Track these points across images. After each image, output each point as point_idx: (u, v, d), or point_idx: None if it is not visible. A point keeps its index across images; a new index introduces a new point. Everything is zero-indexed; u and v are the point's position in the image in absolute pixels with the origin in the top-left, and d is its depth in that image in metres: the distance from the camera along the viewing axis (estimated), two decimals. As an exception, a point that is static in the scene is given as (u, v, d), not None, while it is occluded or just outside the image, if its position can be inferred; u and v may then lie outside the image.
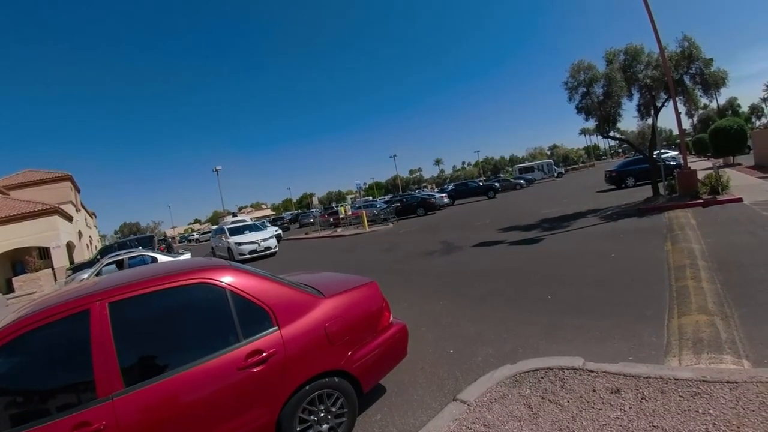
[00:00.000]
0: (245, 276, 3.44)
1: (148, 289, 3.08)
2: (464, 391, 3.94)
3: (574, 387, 3.63)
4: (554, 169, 67.31)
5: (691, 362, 3.97)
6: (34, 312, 2.81)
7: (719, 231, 9.37)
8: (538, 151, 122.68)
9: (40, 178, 39.48)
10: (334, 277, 4.90)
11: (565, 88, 16.58)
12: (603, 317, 5.43)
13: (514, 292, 7.26)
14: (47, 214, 31.31)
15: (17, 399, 2.66)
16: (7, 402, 2.62)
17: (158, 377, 2.82)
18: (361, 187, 36.19)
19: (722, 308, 5.17)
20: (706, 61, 14.83)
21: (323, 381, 3.39)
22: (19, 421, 2.49)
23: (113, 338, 2.77)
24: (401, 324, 4.20)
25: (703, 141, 40.01)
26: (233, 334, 3.13)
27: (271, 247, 21.67)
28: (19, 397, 2.67)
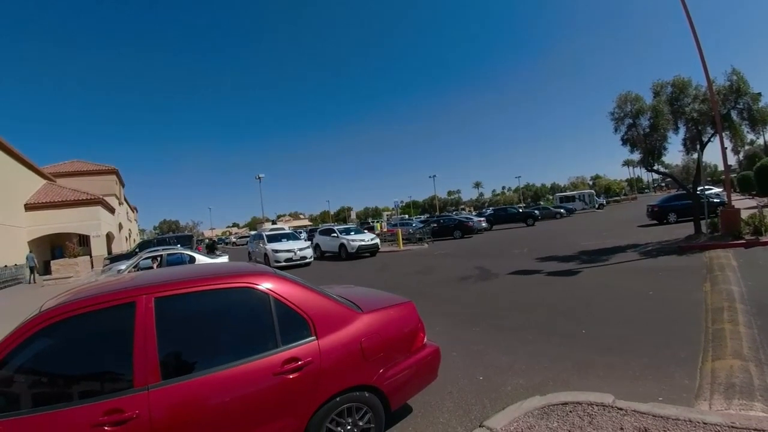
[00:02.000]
0: (288, 284, 3.51)
1: (193, 289, 3.18)
2: (491, 418, 3.94)
3: (602, 423, 3.61)
4: (596, 200, 65.87)
5: (722, 407, 3.90)
6: (85, 297, 2.93)
7: (760, 273, 9.08)
8: (580, 181, 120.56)
9: (87, 169, 41.15)
10: (371, 294, 4.93)
11: (611, 118, 16.41)
12: (636, 356, 5.34)
13: (547, 324, 7.16)
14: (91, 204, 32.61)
15: (58, 378, 2.77)
16: (49, 378, 2.75)
17: (195, 374, 2.87)
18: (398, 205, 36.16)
19: (758, 354, 5.06)
20: (754, 96, 14.48)
21: (354, 394, 3.42)
22: (58, 398, 2.61)
23: (156, 332, 2.85)
24: (435, 346, 4.20)
25: (748, 178, 38.78)
26: (272, 340, 3.19)
27: (307, 257, 22.16)
28: (61, 376, 2.77)
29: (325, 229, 28.44)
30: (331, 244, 25.52)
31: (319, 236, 27.82)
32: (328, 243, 25.88)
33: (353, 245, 23.46)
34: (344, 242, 23.82)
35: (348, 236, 24.60)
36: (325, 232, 27.46)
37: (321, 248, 26.45)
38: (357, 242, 23.72)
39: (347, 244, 23.59)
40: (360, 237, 24.64)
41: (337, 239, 24.67)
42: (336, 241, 24.69)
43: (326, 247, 25.91)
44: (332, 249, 25.21)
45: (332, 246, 25.14)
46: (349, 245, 23.49)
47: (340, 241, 24.15)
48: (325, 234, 26.95)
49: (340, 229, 26.87)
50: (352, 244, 23.55)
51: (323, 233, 27.56)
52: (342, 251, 23.94)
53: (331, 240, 25.50)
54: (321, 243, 26.70)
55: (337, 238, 24.68)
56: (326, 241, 26.20)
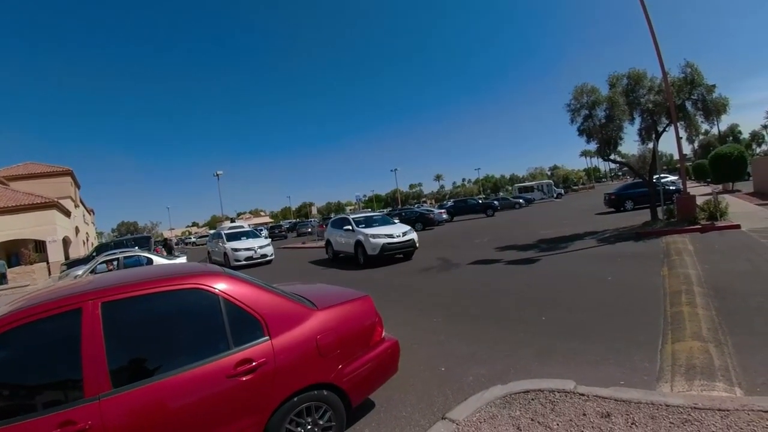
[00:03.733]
0: (239, 284, 3.43)
1: (141, 292, 3.08)
2: (454, 410, 3.91)
3: (564, 410, 3.61)
4: (554, 189, 67.68)
5: (683, 389, 3.96)
6: (26, 307, 2.80)
7: (716, 257, 9.39)
8: (538, 171, 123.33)
9: (40, 171, 39.44)
10: (328, 290, 4.89)
11: (567, 110, 16.67)
12: (597, 341, 5.41)
13: (508, 312, 7.23)
14: (46, 207, 31.32)
15: (3, 392, 2.65)
16: None
17: (147, 380, 2.80)
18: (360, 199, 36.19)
19: (716, 335, 5.17)
20: (708, 88, 14.93)
21: (312, 393, 3.37)
22: (4, 414, 2.48)
23: (104, 338, 2.76)
24: (393, 340, 4.18)
25: (703, 167, 40.19)
26: (224, 342, 3.12)
27: (268, 254, 21.48)
28: (6, 391, 2.66)
29: (337, 220, 19.80)
30: (343, 241, 18.10)
31: (330, 230, 19.87)
32: (341, 239, 18.29)
33: (375, 243, 15.60)
34: (361, 239, 16.12)
35: (369, 229, 16.66)
36: (338, 223, 19.06)
37: (333, 247, 19.28)
38: (381, 239, 15.71)
39: (366, 242, 15.88)
40: (387, 230, 16.51)
41: (353, 234, 16.93)
42: (351, 236, 16.97)
43: (338, 246, 18.39)
44: (346, 249, 17.60)
45: (345, 243, 17.58)
46: (368, 243, 15.94)
47: (357, 236, 16.43)
48: (337, 226, 18.77)
49: (358, 218, 18.23)
50: (373, 241, 15.70)
51: (335, 225, 19.29)
52: (359, 252, 16.32)
53: (344, 235, 17.78)
54: (332, 239, 19.23)
55: (353, 232, 16.97)
56: (338, 236, 18.50)
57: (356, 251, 16.59)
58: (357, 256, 16.51)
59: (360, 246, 16.24)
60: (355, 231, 16.86)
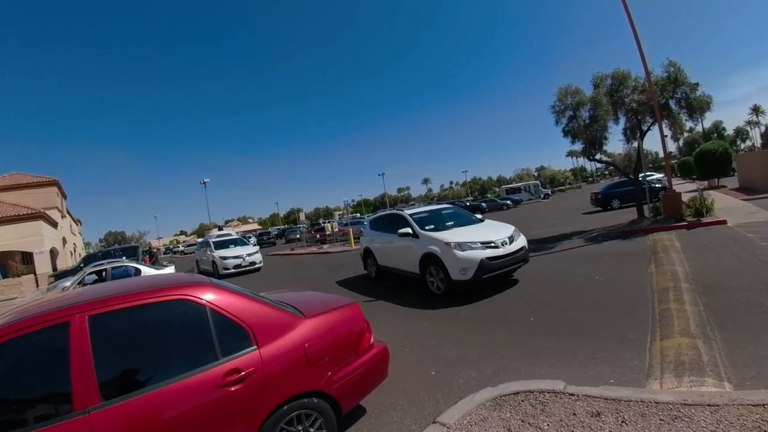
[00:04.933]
0: (225, 294, 3.43)
1: (128, 304, 3.06)
2: (444, 413, 3.92)
3: (555, 410, 3.63)
4: (541, 190, 68.15)
5: (673, 385, 3.99)
6: (13, 321, 2.78)
7: (703, 253, 9.46)
8: (525, 173, 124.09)
9: (26, 181, 38.80)
10: (315, 297, 4.89)
11: (552, 111, 16.74)
12: (586, 340, 5.44)
13: (497, 313, 7.25)
14: (32, 218, 30.93)
15: None
16: None
17: (136, 393, 2.79)
18: (348, 204, 35.93)
19: (705, 331, 5.21)
20: (692, 86, 15.10)
21: (302, 401, 3.36)
22: None
23: (92, 352, 2.75)
24: (382, 345, 4.19)
25: (688, 164, 40.63)
26: (212, 352, 3.11)
27: (256, 262, 21.37)
28: None
29: (383, 218, 12.75)
30: (396, 253, 10.73)
31: (370, 233, 12.90)
32: (392, 248, 11.13)
33: (467, 259, 8.52)
34: (436, 250, 8.97)
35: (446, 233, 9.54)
36: (384, 223, 12.12)
37: (376, 260, 12.25)
38: (476, 250, 8.64)
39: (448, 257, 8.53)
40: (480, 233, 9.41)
41: (417, 241, 9.85)
42: (413, 245, 9.92)
43: (387, 259, 11.57)
44: (400, 264, 10.73)
45: (400, 256, 10.64)
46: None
47: (427, 246, 9.32)
48: (383, 227, 11.99)
49: (420, 214, 11.06)
50: (464, 256, 8.41)
51: (380, 225, 12.50)
52: (432, 273, 9.28)
53: (398, 243, 10.41)
54: (374, 248, 12.32)
55: (415, 239, 9.90)
56: (385, 243, 11.62)
57: (424, 271, 9.48)
58: (425, 278, 9.48)
59: (434, 263, 9.10)
60: (421, 236, 9.64)
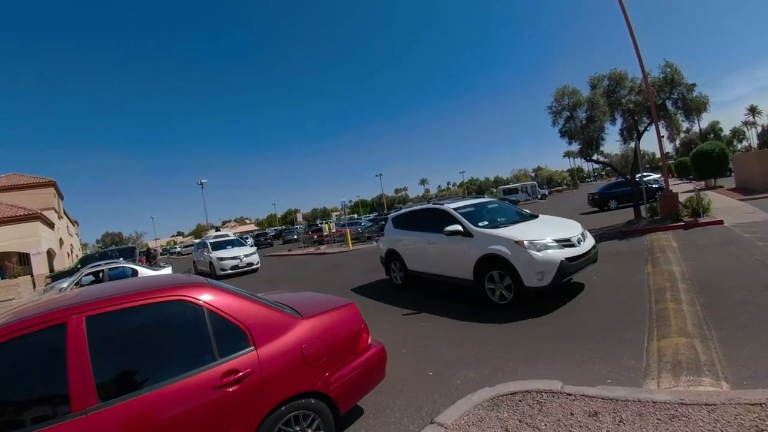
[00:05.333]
0: (223, 294, 3.42)
1: (125, 305, 3.05)
2: (442, 414, 3.91)
3: (552, 410, 3.63)
4: (538, 191, 68.23)
5: (670, 385, 4.00)
6: (10, 322, 2.78)
7: (700, 253, 9.48)
8: (522, 173, 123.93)
9: (23, 182, 38.70)
10: (313, 298, 4.89)
11: (549, 112, 16.76)
12: (583, 340, 5.45)
13: (495, 314, 7.22)
14: (29, 219, 30.85)
15: None
16: None
17: (133, 394, 2.78)
18: (346, 205, 35.96)
19: (702, 330, 5.22)
20: (689, 87, 15.13)
21: (299, 402, 3.36)
22: None
23: (89, 353, 2.74)
24: (380, 346, 4.19)
25: (685, 164, 40.70)
26: (209, 353, 3.11)
27: (254, 263, 21.29)
28: None
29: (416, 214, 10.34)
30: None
31: (394, 231, 10.83)
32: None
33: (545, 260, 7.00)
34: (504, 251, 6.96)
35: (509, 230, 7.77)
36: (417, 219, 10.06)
37: (405, 263, 10.35)
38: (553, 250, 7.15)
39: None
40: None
41: (470, 242, 8.11)
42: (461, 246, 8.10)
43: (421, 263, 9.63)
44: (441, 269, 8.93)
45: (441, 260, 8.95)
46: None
47: (488, 247, 7.50)
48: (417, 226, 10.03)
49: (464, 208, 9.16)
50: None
51: (410, 224, 10.41)
52: (493, 280, 7.59)
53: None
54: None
55: (469, 239, 8.13)
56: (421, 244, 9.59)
57: (480, 277, 7.85)
58: (482, 286, 7.85)
59: (497, 266, 7.55)
60: (477, 235, 8.03)
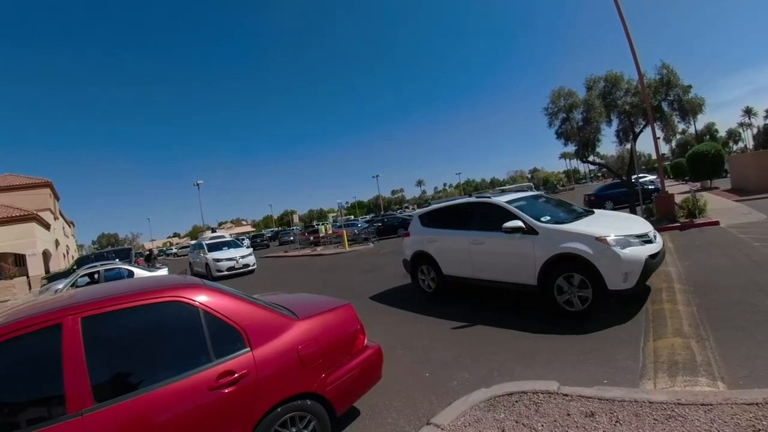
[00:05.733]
0: (218, 295, 3.41)
1: (121, 306, 3.04)
2: (438, 414, 3.91)
3: (549, 411, 3.63)
4: (534, 192, 68.06)
5: (666, 385, 4.02)
6: (5, 323, 2.77)
7: (696, 254, 9.52)
8: (518, 175, 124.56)
9: (19, 183, 38.55)
10: (309, 299, 4.88)
11: (545, 113, 16.83)
12: (579, 341, 5.45)
13: (492, 315, 7.20)
14: (25, 220, 30.76)
15: None
16: None
17: (129, 395, 2.77)
18: (342, 206, 36.02)
19: (698, 331, 5.23)
20: (684, 88, 15.20)
21: (295, 403, 3.35)
22: None
23: (85, 354, 2.73)
24: (376, 347, 4.18)
25: (681, 165, 40.78)
26: (205, 354, 3.09)
27: (250, 264, 21.23)
28: None
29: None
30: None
31: (423, 230, 9.49)
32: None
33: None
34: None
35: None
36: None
37: (440, 267, 8.90)
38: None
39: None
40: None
41: (535, 240, 6.88)
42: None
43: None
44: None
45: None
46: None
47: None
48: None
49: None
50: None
51: (444, 220, 9.34)
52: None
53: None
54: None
55: (533, 236, 6.90)
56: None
57: (548, 281, 6.76)
58: (549, 292, 6.76)
59: (572, 268, 6.48)
60: (543, 232, 6.93)
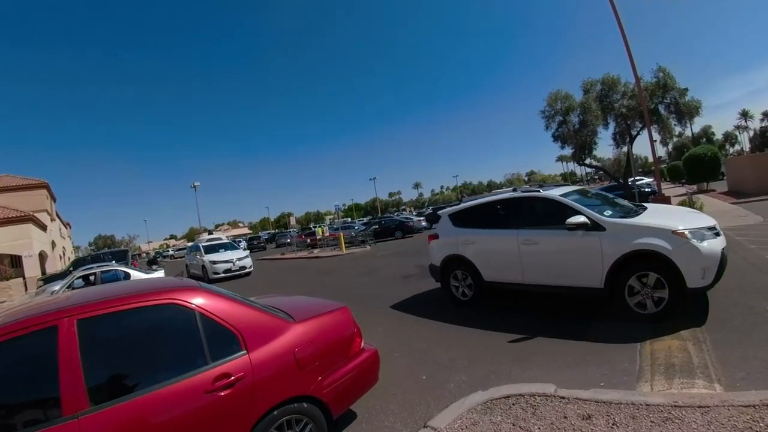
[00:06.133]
0: (215, 298, 3.40)
1: (117, 308, 3.03)
2: (435, 417, 3.91)
3: (546, 414, 3.64)
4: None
5: (663, 387, 4.02)
6: (1, 325, 2.76)
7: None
8: (515, 177, 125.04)
9: (16, 184, 38.40)
10: (305, 302, 4.87)
11: (542, 116, 16.90)
12: (576, 344, 5.45)
13: (487, 318, 7.18)
14: (21, 221, 30.66)
15: None
16: None
17: (125, 398, 2.76)
18: (339, 209, 35.94)
19: (694, 333, 5.23)
20: (681, 91, 15.26)
21: (292, 406, 3.34)
22: None
23: (81, 356, 2.72)
24: (372, 350, 4.18)
25: (677, 168, 40.96)
26: (201, 357, 3.08)
27: (246, 266, 21.24)
28: None
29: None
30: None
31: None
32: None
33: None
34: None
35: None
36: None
37: (479, 270, 7.93)
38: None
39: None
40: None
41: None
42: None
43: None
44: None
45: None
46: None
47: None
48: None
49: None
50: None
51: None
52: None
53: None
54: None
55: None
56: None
57: (618, 282, 6.05)
58: (620, 293, 6.04)
59: (647, 266, 5.85)
60: (610, 227, 6.21)
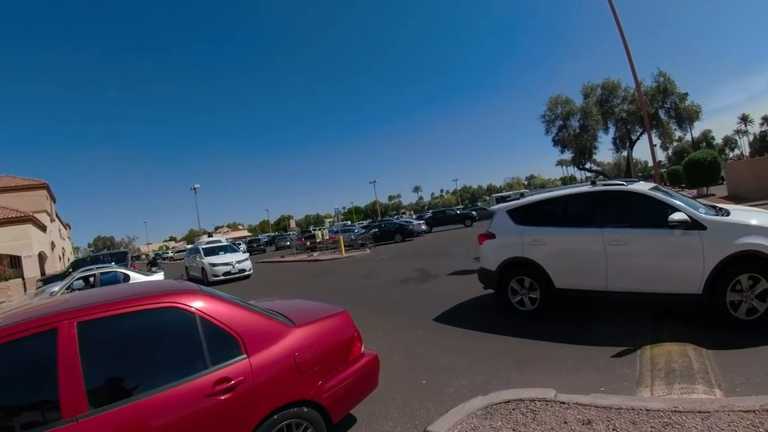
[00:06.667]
0: (215, 301, 3.40)
1: (117, 311, 3.02)
2: (435, 422, 3.89)
3: (546, 419, 3.63)
4: (531, 199, 68.19)
5: (663, 393, 4.02)
6: (3, 326, 2.75)
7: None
8: (515, 181, 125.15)
9: (15, 184, 38.43)
10: (305, 305, 4.87)
11: (542, 121, 17.00)
12: (576, 348, 5.45)
13: (487, 322, 7.17)
14: (21, 222, 30.67)
15: None
16: None
17: (124, 401, 2.75)
18: (339, 212, 36.03)
19: (694, 338, 5.21)
20: (681, 96, 15.32)
21: (292, 411, 3.33)
22: None
23: (80, 359, 2.71)
24: (373, 354, 4.17)
25: (677, 172, 40.81)
26: (201, 361, 3.08)
27: (246, 269, 21.25)
28: None
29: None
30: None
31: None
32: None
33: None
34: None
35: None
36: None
37: (550, 280, 6.80)
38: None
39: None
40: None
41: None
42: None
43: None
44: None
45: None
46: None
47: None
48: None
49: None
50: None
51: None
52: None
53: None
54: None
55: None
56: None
57: (718, 288, 5.26)
58: (720, 300, 5.27)
59: (751, 268, 5.10)
60: (712, 226, 5.39)
